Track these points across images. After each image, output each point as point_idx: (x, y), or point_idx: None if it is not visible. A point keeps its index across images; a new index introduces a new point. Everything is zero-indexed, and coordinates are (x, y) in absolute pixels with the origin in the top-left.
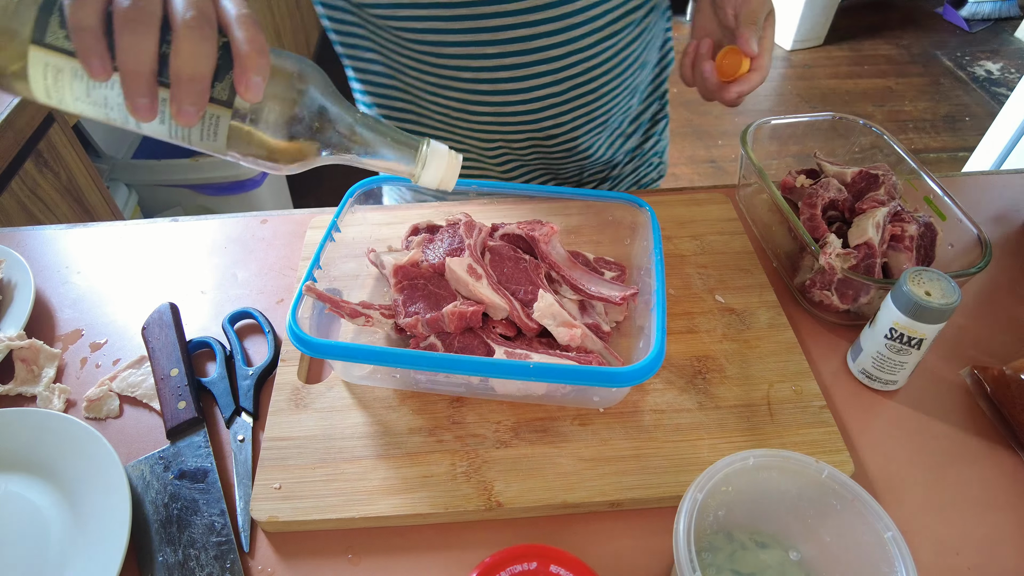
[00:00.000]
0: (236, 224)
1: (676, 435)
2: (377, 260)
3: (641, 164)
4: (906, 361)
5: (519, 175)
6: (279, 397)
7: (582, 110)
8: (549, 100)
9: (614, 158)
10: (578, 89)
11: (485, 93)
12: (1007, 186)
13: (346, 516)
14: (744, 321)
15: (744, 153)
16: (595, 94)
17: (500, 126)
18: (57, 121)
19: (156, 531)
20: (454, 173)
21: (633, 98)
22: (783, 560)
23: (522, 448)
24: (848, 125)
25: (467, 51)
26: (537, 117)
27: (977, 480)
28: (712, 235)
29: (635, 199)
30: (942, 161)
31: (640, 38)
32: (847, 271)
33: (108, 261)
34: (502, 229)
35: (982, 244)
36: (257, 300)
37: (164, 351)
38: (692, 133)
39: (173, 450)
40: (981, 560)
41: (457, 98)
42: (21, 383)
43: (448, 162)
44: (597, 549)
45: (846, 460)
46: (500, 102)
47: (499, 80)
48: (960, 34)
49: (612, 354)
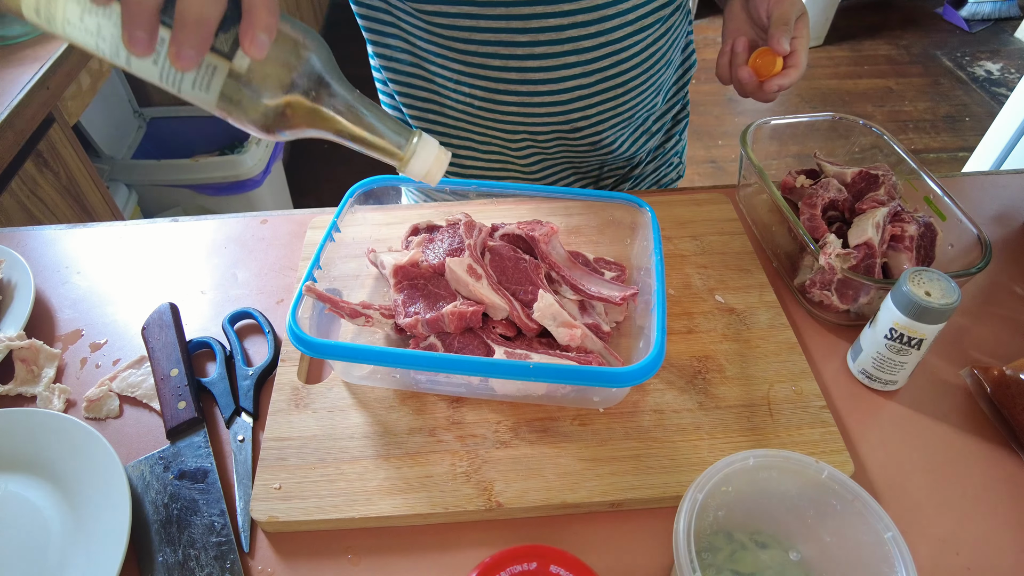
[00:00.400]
0: (236, 224)
1: (676, 435)
2: (377, 260)
3: (662, 164)
4: (906, 361)
5: (541, 168)
6: (279, 397)
7: (609, 104)
8: (577, 92)
9: (636, 155)
10: (607, 82)
11: (513, 82)
12: (1007, 186)
13: (346, 516)
14: (744, 321)
15: (744, 153)
16: (623, 88)
17: (526, 117)
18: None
19: (156, 531)
20: (441, 168)
21: (658, 96)
22: (783, 560)
23: (522, 448)
24: (848, 125)
25: (498, 38)
26: (564, 109)
27: (977, 480)
28: (712, 235)
29: (635, 199)
30: (942, 161)
31: (667, 35)
32: (847, 271)
33: (108, 261)
34: (502, 229)
35: (982, 244)
36: (257, 300)
37: (164, 351)
38: (692, 133)
39: (173, 450)
40: (981, 560)
41: (484, 87)
42: (21, 383)
43: (436, 156)
44: (597, 549)
45: (846, 460)
46: (528, 92)
47: (528, 70)
48: (960, 34)
49: (612, 354)
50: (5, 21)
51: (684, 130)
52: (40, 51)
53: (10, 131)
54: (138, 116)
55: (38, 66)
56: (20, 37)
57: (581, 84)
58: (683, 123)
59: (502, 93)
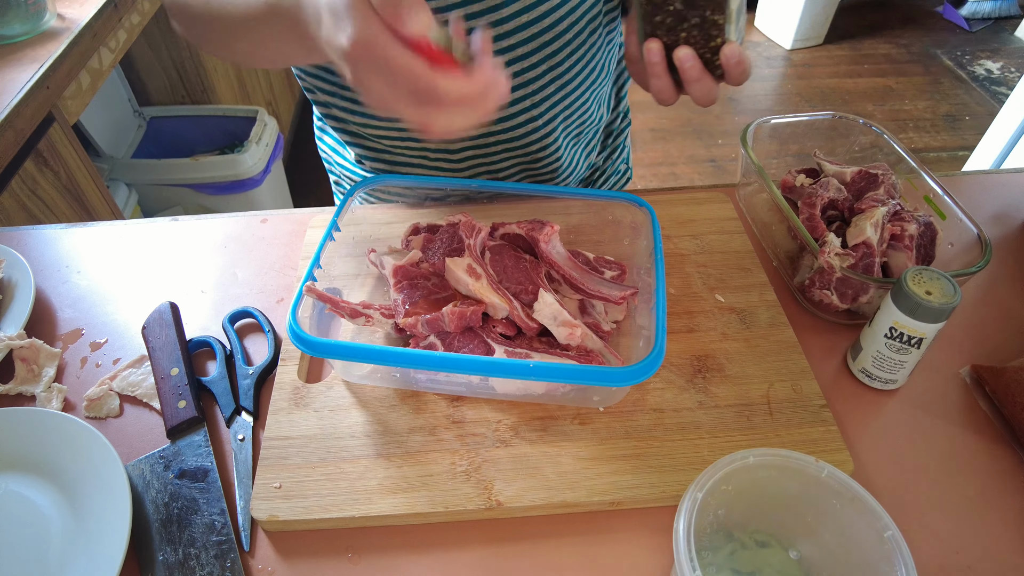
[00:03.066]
0: (236, 223)
1: (676, 435)
2: (377, 260)
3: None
4: (906, 360)
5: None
6: (279, 396)
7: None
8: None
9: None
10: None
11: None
12: (1007, 185)
13: (346, 515)
14: (744, 320)
15: (744, 152)
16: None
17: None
18: (57, 120)
19: (156, 530)
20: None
21: (601, 107)
22: (783, 559)
23: (522, 447)
24: (848, 124)
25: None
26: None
27: (977, 480)
28: (712, 234)
29: (635, 198)
30: (942, 160)
31: (606, 45)
32: (846, 270)
33: (108, 260)
34: (502, 229)
35: (982, 243)
36: (257, 299)
37: (164, 350)
38: (692, 133)
39: (173, 449)
40: (980, 559)
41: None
42: (21, 382)
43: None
44: (597, 549)
45: (846, 459)
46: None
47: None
48: (960, 33)
49: (612, 353)
50: (5, 21)
51: (627, 138)
52: (40, 51)
53: (10, 130)
54: (138, 115)
55: (38, 66)
56: (20, 37)
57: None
58: (625, 133)
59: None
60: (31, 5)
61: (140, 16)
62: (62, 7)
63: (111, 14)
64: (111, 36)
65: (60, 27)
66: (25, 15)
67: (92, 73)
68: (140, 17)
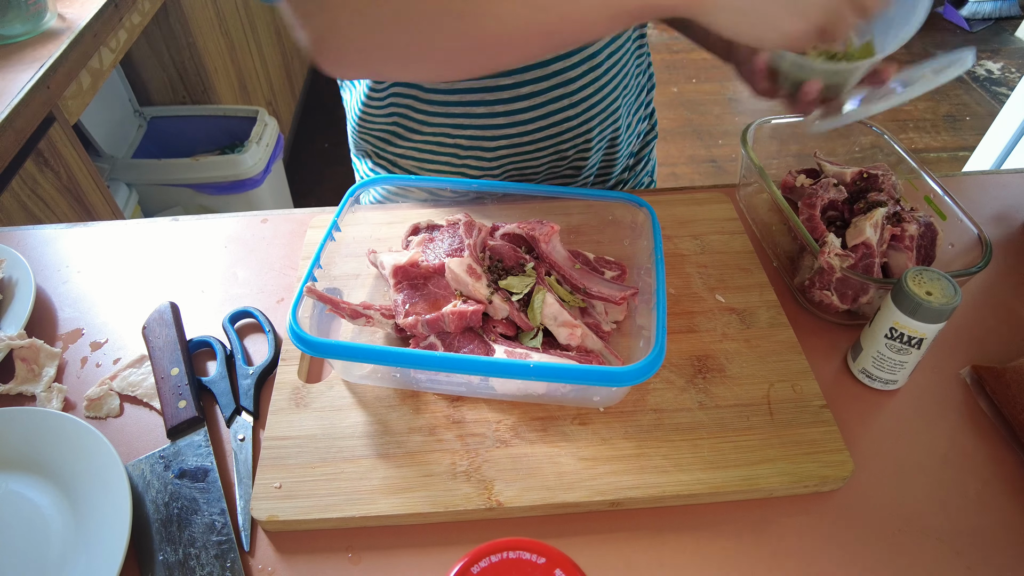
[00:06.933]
0: (236, 223)
1: (676, 435)
2: (377, 260)
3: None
4: (906, 361)
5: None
6: (279, 396)
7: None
8: (566, 124)
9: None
10: (594, 109)
11: (501, 127)
12: (1007, 186)
13: (346, 515)
14: (744, 320)
15: (744, 153)
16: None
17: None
18: (57, 120)
19: (156, 530)
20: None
21: (631, 116)
22: None
23: (522, 447)
24: (848, 124)
25: (481, 84)
26: (556, 141)
27: (977, 480)
28: (712, 234)
29: (635, 199)
30: (942, 161)
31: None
32: (846, 270)
33: (108, 260)
34: (502, 229)
35: (982, 244)
36: (257, 299)
37: (164, 350)
38: (692, 133)
39: (173, 449)
40: (981, 559)
41: (469, 135)
42: (21, 382)
43: None
44: (597, 549)
45: (846, 459)
46: (517, 133)
47: (516, 111)
48: (961, 34)
49: (612, 353)
50: (6, 21)
51: (652, 150)
52: (41, 51)
53: (10, 130)
54: (138, 115)
55: (38, 66)
56: (21, 37)
57: (569, 116)
58: (651, 144)
59: (488, 139)
60: (31, 5)
61: (141, 16)
62: (62, 7)
63: (111, 14)
64: (111, 36)
65: (60, 27)
66: (25, 15)
67: (92, 73)
68: (141, 17)
